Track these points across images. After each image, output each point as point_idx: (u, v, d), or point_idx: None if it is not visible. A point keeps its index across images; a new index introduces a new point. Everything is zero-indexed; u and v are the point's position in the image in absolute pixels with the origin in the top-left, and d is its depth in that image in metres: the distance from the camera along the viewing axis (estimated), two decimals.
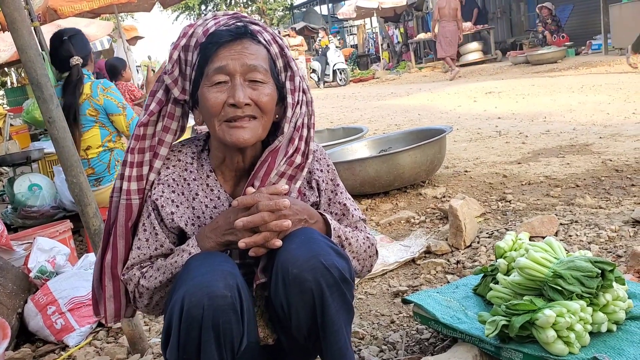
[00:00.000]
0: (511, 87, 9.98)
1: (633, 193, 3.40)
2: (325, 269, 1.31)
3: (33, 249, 3.02)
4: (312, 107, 1.52)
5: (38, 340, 2.72)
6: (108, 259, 1.52)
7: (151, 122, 1.47)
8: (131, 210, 1.49)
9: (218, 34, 1.39)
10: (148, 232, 1.48)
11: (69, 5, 7.41)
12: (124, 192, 1.48)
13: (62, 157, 2.09)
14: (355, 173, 3.97)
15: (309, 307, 1.33)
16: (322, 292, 1.32)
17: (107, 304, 1.56)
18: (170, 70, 1.44)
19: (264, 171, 1.45)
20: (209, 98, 1.39)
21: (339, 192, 1.61)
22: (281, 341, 1.51)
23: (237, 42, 1.39)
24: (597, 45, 13.80)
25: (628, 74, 9.11)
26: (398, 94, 12.04)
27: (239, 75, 1.38)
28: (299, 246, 1.34)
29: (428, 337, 2.14)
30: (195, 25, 1.44)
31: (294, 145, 1.46)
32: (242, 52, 1.38)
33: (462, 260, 2.81)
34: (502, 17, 19.67)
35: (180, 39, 1.43)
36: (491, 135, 6.00)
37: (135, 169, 1.48)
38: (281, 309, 1.37)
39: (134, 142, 1.47)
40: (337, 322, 1.36)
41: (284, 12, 33.74)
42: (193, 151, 1.53)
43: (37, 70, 1.99)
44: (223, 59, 1.38)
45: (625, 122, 5.57)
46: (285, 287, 1.33)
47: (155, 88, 1.49)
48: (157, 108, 1.47)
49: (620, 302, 1.72)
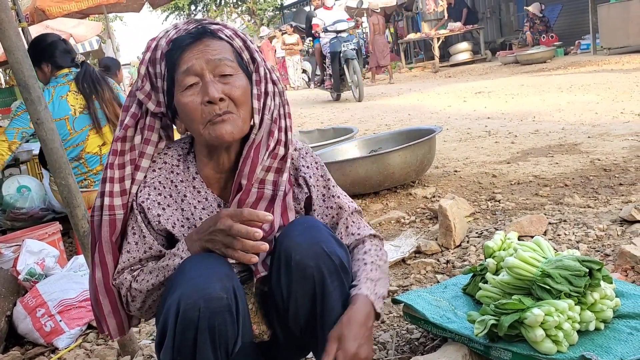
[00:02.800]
0: (501, 87, 10.03)
1: (621, 192, 3.43)
2: (327, 255, 1.34)
3: (22, 251, 3.00)
4: (285, 97, 1.52)
5: (27, 343, 2.71)
6: (99, 276, 1.51)
7: (128, 137, 1.47)
8: (115, 225, 1.48)
9: (179, 39, 1.40)
10: (137, 236, 1.48)
11: (57, 6, 7.35)
12: (106, 207, 1.47)
13: (51, 159, 2.08)
14: (345, 173, 3.98)
15: (310, 293, 1.35)
16: (323, 278, 1.34)
17: (108, 320, 1.55)
18: (141, 85, 1.45)
19: (248, 168, 1.45)
20: (186, 103, 1.39)
21: (331, 187, 1.62)
22: (276, 337, 1.52)
23: (198, 42, 1.40)
24: (585, 45, 13.93)
25: (616, 74, 9.18)
26: (388, 94, 12.07)
27: (208, 73, 1.38)
28: (301, 233, 1.36)
29: (418, 337, 2.15)
30: (157, 38, 1.45)
31: (275, 138, 1.46)
32: (204, 50, 1.39)
33: (451, 260, 2.82)
34: (491, 17, 19.79)
35: (145, 53, 1.44)
36: (481, 135, 6.02)
37: (118, 184, 1.47)
38: (280, 298, 1.39)
39: (112, 157, 1.47)
40: (336, 310, 1.38)
41: (274, 13, 33.70)
42: (179, 153, 1.53)
43: (24, 72, 1.98)
44: (188, 60, 1.39)
45: (614, 121, 5.61)
46: (287, 273, 1.35)
47: (128, 103, 1.48)
48: (131, 121, 1.47)
49: (608, 300, 1.73)
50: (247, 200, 1.45)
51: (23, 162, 4.98)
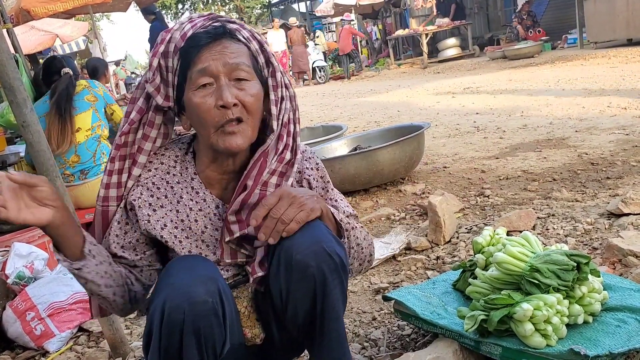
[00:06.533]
0: (489, 82, 10.08)
1: (608, 186, 3.46)
2: (328, 254, 1.33)
3: (10, 254, 2.97)
4: (296, 101, 1.52)
5: (18, 346, 2.68)
6: None
7: (132, 130, 1.46)
8: (107, 217, 1.49)
9: (197, 37, 1.38)
10: (121, 230, 1.48)
11: (43, 6, 7.30)
12: (100, 198, 1.48)
13: (37, 162, 2.06)
14: (335, 171, 3.98)
15: (310, 293, 1.34)
16: (324, 277, 1.33)
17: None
18: (152, 78, 1.42)
19: (256, 171, 1.44)
20: (199, 104, 1.37)
21: (329, 189, 1.62)
22: (268, 340, 1.52)
23: (216, 43, 1.38)
24: (572, 40, 14.01)
25: (603, 67, 9.25)
26: (377, 91, 12.09)
27: (223, 76, 1.37)
28: (301, 232, 1.34)
29: (409, 333, 2.16)
30: (172, 30, 1.42)
31: (283, 142, 1.46)
32: (222, 52, 1.37)
33: (441, 256, 2.83)
34: (479, 12, 19.85)
35: (158, 45, 1.42)
36: (469, 130, 6.05)
37: (115, 176, 1.47)
38: (279, 298, 1.38)
39: (114, 150, 1.46)
40: (337, 308, 1.38)
41: (262, 10, 33.63)
42: (176, 154, 1.52)
43: (9, 74, 1.96)
44: (204, 60, 1.36)
45: (601, 115, 5.65)
46: (287, 273, 1.34)
47: (136, 95, 1.47)
48: (137, 117, 1.46)
49: (596, 294, 1.75)
50: (249, 200, 1.44)
51: (10, 164, 4.93)
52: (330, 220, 1.45)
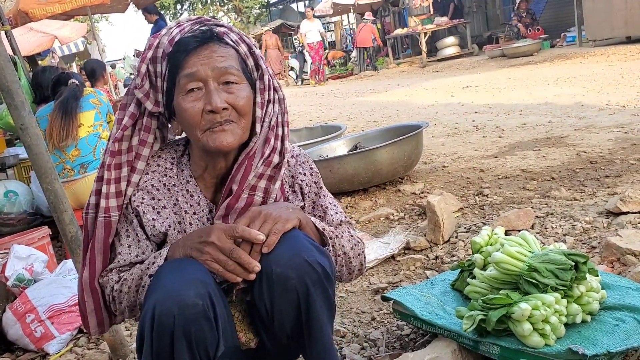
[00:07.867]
0: (488, 80, 10.08)
1: (607, 184, 3.46)
2: (309, 265, 1.31)
3: (10, 257, 2.98)
4: (285, 104, 1.51)
5: (18, 349, 2.69)
6: (86, 275, 1.51)
7: (125, 136, 1.45)
8: (110, 227, 1.48)
9: (184, 42, 1.37)
10: (131, 239, 1.48)
11: (41, 8, 7.30)
12: (101, 209, 1.46)
13: (36, 164, 2.07)
14: (333, 171, 3.98)
15: (294, 305, 1.32)
16: (307, 289, 1.31)
17: (90, 318, 1.55)
18: (140, 84, 1.42)
19: (241, 174, 1.44)
20: (187, 108, 1.37)
21: (322, 195, 1.60)
22: (263, 344, 1.51)
23: (204, 47, 1.38)
24: (571, 38, 14.01)
25: (601, 66, 9.25)
26: (376, 90, 12.09)
27: (212, 80, 1.36)
28: (280, 244, 1.33)
29: (408, 333, 2.16)
30: (160, 36, 1.42)
31: (270, 145, 1.45)
32: (211, 56, 1.37)
33: (440, 256, 2.84)
34: (477, 11, 19.83)
35: (146, 51, 1.41)
36: (468, 129, 6.05)
37: (114, 185, 1.46)
38: (264, 309, 1.36)
39: (109, 158, 1.45)
40: (321, 319, 1.36)
41: (261, 10, 33.60)
42: (173, 156, 1.52)
43: (7, 77, 1.97)
44: (193, 65, 1.36)
45: (599, 113, 5.66)
46: (269, 286, 1.32)
47: (126, 102, 1.46)
48: (130, 122, 1.45)
49: (594, 293, 1.75)
50: (236, 205, 1.44)
51: (10, 166, 4.93)
52: (311, 229, 1.44)
